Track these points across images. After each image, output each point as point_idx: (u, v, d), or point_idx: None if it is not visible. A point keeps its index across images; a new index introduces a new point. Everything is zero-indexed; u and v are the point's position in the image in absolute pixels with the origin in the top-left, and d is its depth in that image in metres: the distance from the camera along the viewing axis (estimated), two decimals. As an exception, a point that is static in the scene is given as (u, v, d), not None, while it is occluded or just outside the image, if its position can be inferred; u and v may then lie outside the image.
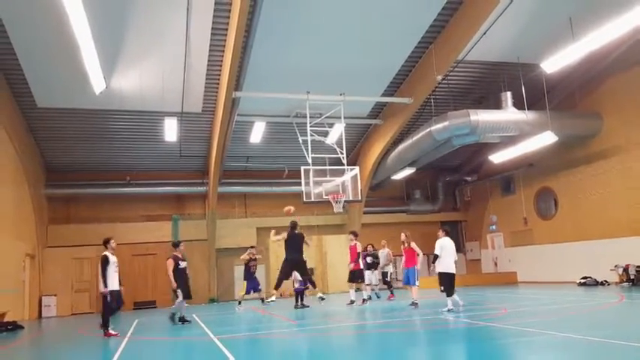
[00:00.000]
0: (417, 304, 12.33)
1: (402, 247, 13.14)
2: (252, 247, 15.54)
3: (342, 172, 14.02)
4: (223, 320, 13.37)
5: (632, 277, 15.56)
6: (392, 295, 15.48)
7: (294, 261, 12.18)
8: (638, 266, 15.58)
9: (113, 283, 10.27)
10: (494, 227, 22.88)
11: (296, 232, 12.62)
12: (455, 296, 10.95)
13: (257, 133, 18.14)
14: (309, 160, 13.86)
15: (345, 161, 14.37)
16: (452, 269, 10.98)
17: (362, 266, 14.35)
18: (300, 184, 13.42)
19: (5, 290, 14.66)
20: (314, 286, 13.56)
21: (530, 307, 11.38)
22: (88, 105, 15.79)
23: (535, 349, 6.43)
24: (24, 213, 16.95)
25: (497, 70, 16.39)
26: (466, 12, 13.29)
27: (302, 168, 13.43)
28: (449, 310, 10.58)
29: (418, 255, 12.83)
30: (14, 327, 13.05)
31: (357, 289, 15.53)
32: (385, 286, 16.44)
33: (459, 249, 24.35)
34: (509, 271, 21.80)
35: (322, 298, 12.86)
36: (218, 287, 20.88)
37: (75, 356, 8.56)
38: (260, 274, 21.38)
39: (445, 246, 11.11)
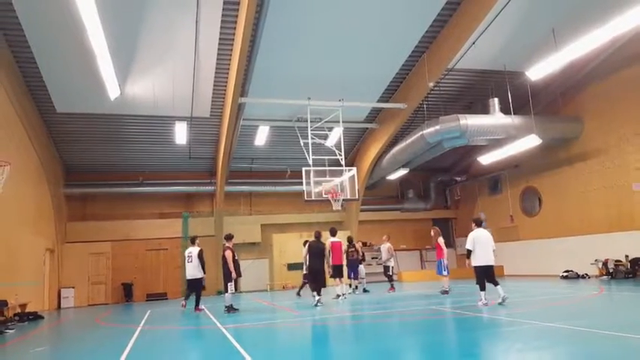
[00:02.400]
0: (447, 291, 12.88)
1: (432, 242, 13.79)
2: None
3: (340, 173, 14.03)
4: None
5: (610, 270, 15.56)
6: (392, 288, 15.48)
7: (313, 270, 11.83)
8: (616, 260, 15.59)
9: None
10: (482, 224, 22.85)
11: (319, 241, 12.15)
12: (482, 293, 9.79)
13: (261, 137, 18.15)
14: (310, 162, 13.87)
15: (343, 162, 14.38)
16: (487, 261, 9.82)
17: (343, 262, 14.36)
18: (301, 183, 13.45)
19: (27, 283, 14.68)
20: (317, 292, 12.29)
21: (516, 299, 11.37)
22: (103, 110, 15.81)
23: (520, 338, 6.43)
24: (44, 211, 16.97)
25: (485, 78, 16.40)
26: (456, 23, 13.30)
27: (303, 169, 13.45)
28: (500, 303, 9.52)
29: (442, 249, 13.23)
30: (35, 317, 13.06)
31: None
32: (387, 279, 16.24)
33: (450, 244, 24.51)
34: (496, 265, 21.76)
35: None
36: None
37: (92, 343, 8.57)
38: (264, 268, 21.52)
39: (478, 238, 9.94)
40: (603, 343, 5.73)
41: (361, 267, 15.99)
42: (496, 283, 9.82)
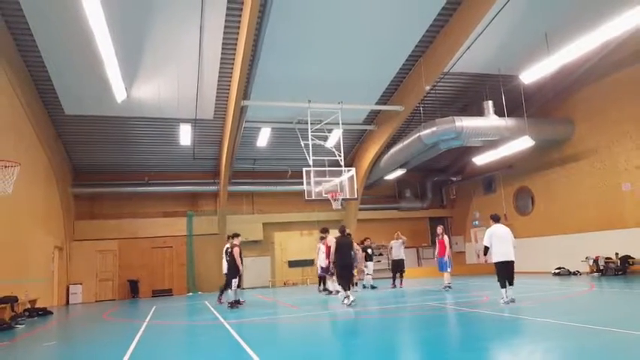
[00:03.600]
0: (449, 286, 13.00)
1: (436, 238, 14.15)
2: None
3: (340, 173, 14.03)
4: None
5: (601, 267, 15.56)
6: (402, 284, 15.62)
7: (341, 265, 11.18)
8: (606, 258, 15.60)
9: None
10: (477, 222, 22.89)
11: (345, 236, 11.46)
12: (503, 290, 9.18)
13: (263, 138, 18.15)
14: (310, 162, 13.88)
15: (342, 163, 14.38)
16: (507, 257, 9.20)
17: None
18: (302, 183, 13.45)
19: (36, 279, 14.69)
20: (353, 284, 12.09)
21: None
22: (110, 112, 15.80)
23: (513, 333, 6.44)
24: (53, 210, 16.97)
25: (479, 81, 16.40)
26: (452, 28, 13.30)
27: (304, 169, 13.45)
28: (508, 302, 9.01)
29: (446, 247, 13.58)
30: (44, 312, 13.05)
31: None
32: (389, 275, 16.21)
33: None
34: (490, 262, 21.77)
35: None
36: (228, 277, 20.89)
37: (100, 338, 8.57)
38: (266, 265, 21.51)
39: (495, 234, 9.36)
40: (594, 338, 5.73)
41: (370, 264, 16.03)
42: (510, 283, 9.19)
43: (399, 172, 20.27)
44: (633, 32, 12.76)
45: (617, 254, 15.35)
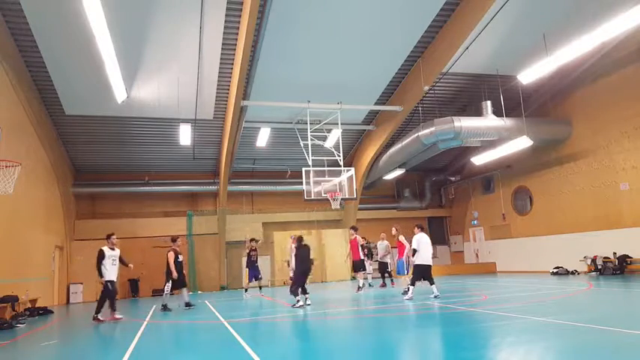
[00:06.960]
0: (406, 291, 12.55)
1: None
2: (252, 239, 15.71)
3: (339, 173, 14.03)
4: (232, 305, 13.37)
5: (599, 267, 15.58)
6: (393, 283, 15.62)
7: (305, 271, 11.32)
8: (604, 257, 15.61)
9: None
10: (475, 222, 22.90)
11: (304, 244, 11.48)
12: (411, 287, 10.89)
13: (263, 138, 18.15)
14: (310, 162, 13.88)
15: (341, 163, 14.38)
16: (428, 261, 10.94)
17: (362, 257, 14.51)
18: (301, 183, 13.45)
19: (37, 278, 14.68)
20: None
21: (508, 294, 11.39)
22: (111, 113, 15.80)
23: (511, 332, 6.45)
24: (54, 209, 16.96)
25: (478, 81, 16.41)
26: (450, 29, 13.32)
27: (303, 169, 13.45)
28: (411, 298, 10.68)
29: (404, 247, 13.51)
30: (45, 312, 13.04)
31: (353, 278, 15.49)
32: (379, 276, 16.30)
33: (444, 242, 24.60)
34: (489, 261, 21.82)
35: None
36: (228, 276, 20.91)
37: (100, 337, 8.57)
38: (265, 265, 21.47)
39: (422, 240, 11.00)
40: (592, 337, 5.74)
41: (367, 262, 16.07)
42: (431, 283, 10.79)
43: (398, 172, 20.28)
44: (631, 33, 12.79)
45: (614, 254, 15.37)
